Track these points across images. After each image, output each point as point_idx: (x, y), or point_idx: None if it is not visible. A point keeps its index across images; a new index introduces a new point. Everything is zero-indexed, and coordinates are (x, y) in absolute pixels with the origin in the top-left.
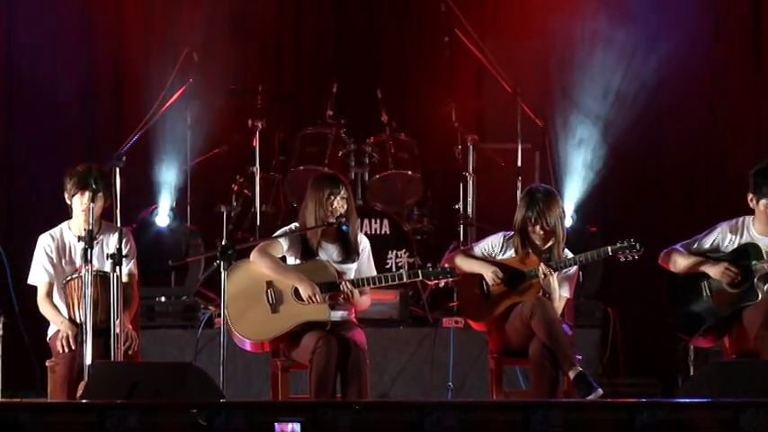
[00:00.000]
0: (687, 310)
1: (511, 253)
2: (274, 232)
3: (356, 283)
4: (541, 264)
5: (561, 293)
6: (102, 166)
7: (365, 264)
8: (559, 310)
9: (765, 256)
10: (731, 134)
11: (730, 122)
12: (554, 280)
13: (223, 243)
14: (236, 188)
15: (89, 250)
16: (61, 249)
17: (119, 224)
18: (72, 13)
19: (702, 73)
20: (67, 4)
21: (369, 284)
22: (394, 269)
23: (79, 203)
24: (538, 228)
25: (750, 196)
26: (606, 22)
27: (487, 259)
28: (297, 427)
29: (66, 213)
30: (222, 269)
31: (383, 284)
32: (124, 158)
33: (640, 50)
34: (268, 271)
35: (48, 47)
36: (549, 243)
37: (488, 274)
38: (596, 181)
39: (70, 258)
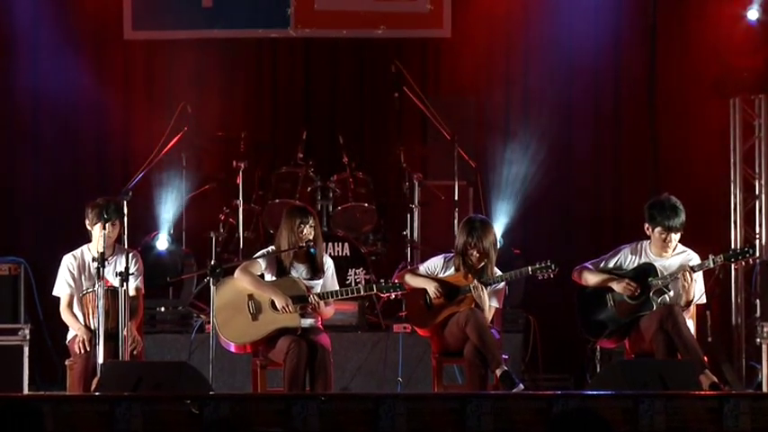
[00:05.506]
0: (594, 317)
1: (451, 271)
2: (254, 254)
3: (322, 295)
4: (474, 280)
5: (491, 304)
6: (115, 197)
7: (329, 280)
8: (489, 318)
9: (659, 275)
10: (629, 171)
11: (628, 161)
12: (484, 293)
13: (212, 263)
14: (223, 218)
15: (101, 269)
16: (81, 267)
17: (126, 248)
18: (87, 71)
19: (606, 119)
20: (84, 66)
21: (332, 297)
22: (353, 284)
23: (98, 232)
24: (475, 251)
25: (646, 226)
26: (526, 80)
27: (430, 276)
28: None
29: (81, 235)
30: (211, 284)
31: (344, 297)
32: (131, 193)
33: (552, 103)
34: (249, 286)
35: (67, 98)
36: (483, 263)
37: (431, 289)
38: (519, 211)
39: (89, 275)
